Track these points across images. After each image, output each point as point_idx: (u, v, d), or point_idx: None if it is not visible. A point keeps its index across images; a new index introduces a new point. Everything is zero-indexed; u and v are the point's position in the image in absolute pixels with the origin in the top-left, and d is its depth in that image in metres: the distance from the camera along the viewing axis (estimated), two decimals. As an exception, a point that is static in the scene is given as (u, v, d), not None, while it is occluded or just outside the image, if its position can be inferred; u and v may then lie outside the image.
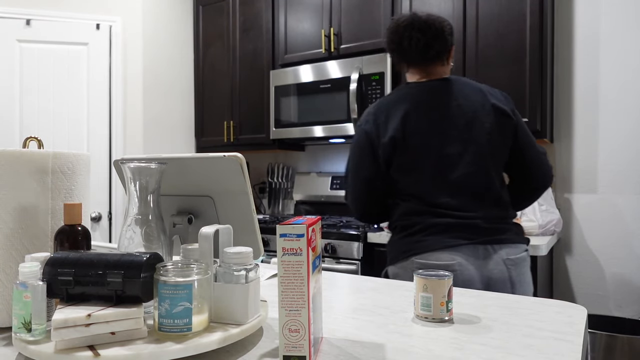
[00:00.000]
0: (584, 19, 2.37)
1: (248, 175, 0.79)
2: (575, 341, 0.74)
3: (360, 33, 2.59)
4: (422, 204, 1.34)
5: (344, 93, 2.56)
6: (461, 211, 1.31)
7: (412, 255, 1.31)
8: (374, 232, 2.26)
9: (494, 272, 1.29)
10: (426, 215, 1.33)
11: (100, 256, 0.66)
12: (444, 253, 1.28)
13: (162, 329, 0.63)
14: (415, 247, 1.31)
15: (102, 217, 2.79)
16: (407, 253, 1.32)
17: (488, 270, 1.29)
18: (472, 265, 1.27)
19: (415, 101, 1.37)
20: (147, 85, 2.98)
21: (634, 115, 2.26)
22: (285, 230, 0.60)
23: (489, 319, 0.86)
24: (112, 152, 2.84)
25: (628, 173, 2.26)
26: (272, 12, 2.93)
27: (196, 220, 0.85)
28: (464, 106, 1.36)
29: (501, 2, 2.22)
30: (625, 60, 2.29)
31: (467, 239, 1.28)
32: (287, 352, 0.61)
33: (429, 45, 1.40)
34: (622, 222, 2.28)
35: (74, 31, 2.75)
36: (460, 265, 1.27)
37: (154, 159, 0.80)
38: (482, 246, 1.29)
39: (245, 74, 3.05)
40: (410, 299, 1.01)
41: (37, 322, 0.62)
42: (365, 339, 0.75)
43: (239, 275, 0.69)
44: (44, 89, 2.70)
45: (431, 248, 1.28)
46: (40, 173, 0.79)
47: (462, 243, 1.28)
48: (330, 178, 2.96)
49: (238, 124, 3.08)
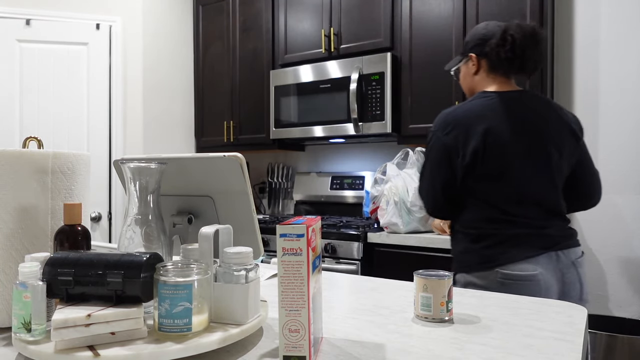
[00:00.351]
0: (584, 19, 2.37)
1: (248, 175, 0.79)
2: (575, 341, 0.74)
3: (360, 33, 2.59)
4: (498, 212, 1.38)
5: (344, 93, 2.56)
6: (537, 221, 1.37)
7: (497, 266, 1.34)
8: (374, 232, 2.26)
9: (567, 275, 1.37)
10: (503, 224, 1.37)
11: (100, 256, 0.66)
12: (526, 264, 1.32)
13: (162, 329, 0.63)
14: (499, 258, 1.35)
15: (102, 217, 2.79)
16: (491, 264, 1.35)
17: (563, 275, 1.36)
18: (549, 272, 1.33)
19: (497, 112, 1.39)
20: (147, 85, 2.98)
21: (634, 115, 2.26)
22: (285, 230, 0.60)
23: (489, 319, 0.86)
24: (112, 152, 2.84)
25: (628, 173, 2.26)
26: (272, 12, 2.93)
27: (196, 220, 0.85)
28: (540, 121, 1.40)
29: (501, 2, 2.22)
30: (625, 60, 2.29)
31: (544, 248, 1.35)
32: (287, 352, 0.61)
33: (534, 60, 1.43)
34: (622, 222, 2.28)
35: (74, 31, 2.75)
36: (542, 274, 1.32)
37: (154, 159, 0.80)
38: (555, 253, 1.36)
39: (245, 74, 3.05)
40: (410, 299, 1.01)
41: (37, 322, 0.62)
42: (365, 339, 0.75)
43: (239, 275, 0.69)
44: (44, 89, 2.70)
45: (515, 259, 1.33)
46: (40, 173, 0.79)
47: (540, 253, 1.34)
48: (330, 178, 2.96)
49: (238, 124, 3.08)
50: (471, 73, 1.53)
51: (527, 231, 1.35)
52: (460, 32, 2.31)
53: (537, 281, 1.31)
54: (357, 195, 2.83)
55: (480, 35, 1.49)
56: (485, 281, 1.35)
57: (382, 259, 2.23)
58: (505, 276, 1.32)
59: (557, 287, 1.35)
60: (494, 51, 1.44)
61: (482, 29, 1.49)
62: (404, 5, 2.47)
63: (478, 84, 1.52)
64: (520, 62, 1.43)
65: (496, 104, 1.40)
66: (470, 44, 1.51)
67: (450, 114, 1.43)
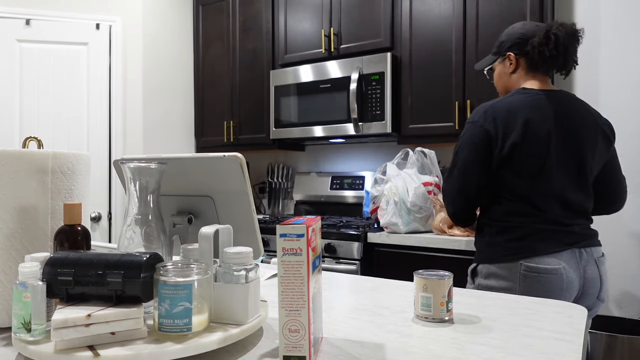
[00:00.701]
0: (584, 19, 2.37)
1: (248, 175, 0.79)
2: (575, 341, 0.74)
3: (360, 33, 2.59)
4: (529, 207, 1.40)
5: (344, 93, 2.56)
6: (563, 219, 1.40)
7: (521, 258, 1.37)
8: (374, 232, 2.26)
9: (588, 272, 1.40)
10: (532, 219, 1.40)
11: (100, 256, 0.66)
12: (550, 258, 1.36)
13: (162, 329, 0.63)
14: (524, 251, 1.38)
15: (102, 217, 2.79)
16: (516, 255, 1.38)
17: (584, 272, 1.39)
18: (572, 268, 1.37)
19: (537, 109, 1.41)
20: (147, 85, 2.98)
21: (634, 115, 2.26)
22: (285, 230, 0.60)
23: (489, 319, 0.86)
24: (112, 152, 2.84)
25: (628, 173, 2.26)
26: (272, 12, 2.93)
27: (196, 220, 0.85)
28: (577, 122, 1.43)
29: (501, 2, 2.22)
30: (625, 60, 2.29)
31: (567, 245, 1.38)
32: (287, 352, 0.61)
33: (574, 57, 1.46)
34: (622, 222, 2.28)
35: (74, 31, 2.75)
36: (564, 269, 1.35)
37: (154, 159, 0.80)
38: (578, 250, 1.39)
39: (245, 74, 3.05)
40: (410, 299, 1.01)
41: (36, 322, 0.62)
42: (365, 339, 0.75)
43: (239, 275, 0.69)
44: (43, 89, 2.70)
45: (540, 253, 1.36)
46: (40, 173, 0.79)
47: (564, 248, 1.37)
48: (330, 178, 2.96)
49: (238, 124, 3.08)
50: (508, 72, 1.54)
51: (553, 227, 1.38)
52: (461, 32, 2.31)
53: (560, 275, 1.34)
54: (357, 195, 2.83)
55: (518, 34, 1.50)
56: (509, 273, 1.38)
57: (382, 259, 2.23)
58: (529, 269, 1.35)
59: (578, 283, 1.38)
60: (536, 49, 1.45)
61: (520, 29, 1.51)
62: (404, 5, 2.46)
63: (515, 82, 1.54)
64: (563, 59, 1.45)
65: (537, 100, 1.42)
66: (508, 43, 1.53)
67: (491, 106, 1.44)
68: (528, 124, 1.38)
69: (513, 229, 1.41)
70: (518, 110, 1.40)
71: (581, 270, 1.39)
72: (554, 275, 1.33)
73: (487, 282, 1.42)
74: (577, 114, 1.44)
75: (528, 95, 1.44)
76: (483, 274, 1.43)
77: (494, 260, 1.42)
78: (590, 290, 1.41)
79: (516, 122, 1.39)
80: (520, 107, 1.41)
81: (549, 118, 1.40)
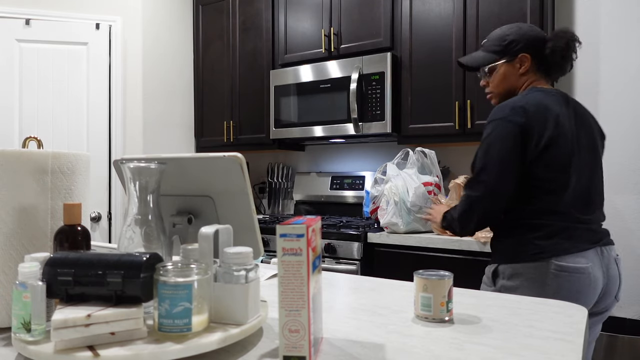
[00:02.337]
0: (584, 19, 2.37)
1: (248, 175, 0.79)
2: (575, 341, 0.74)
3: (360, 33, 2.59)
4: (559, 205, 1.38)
5: (344, 93, 2.56)
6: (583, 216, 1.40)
7: (552, 257, 1.35)
8: (374, 232, 2.26)
9: (610, 270, 1.40)
10: (557, 216, 1.38)
11: (100, 256, 0.66)
12: (579, 257, 1.35)
13: (162, 329, 0.63)
14: (555, 249, 1.35)
15: (101, 217, 2.79)
16: (546, 254, 1.35)
17: (607, 270, 1.39)
18: (597, 266, 1.36)
19: (561, 106, 1.42)
20: (146, 85, 2.98)
21: (633, 115, 2.26)
22: (285, 230, 0.60)
23: (489, 319, 0.86)
24: (112, 152, 2.84)
25: (627, 173, 2.26)
26: (272, 12, 2.93)
27: (196, 220, 0.85)
28: (586, 121, 1.47)
29: (501, 2, 2.22)
30: (625, 60, 2.29)
31: (592, 243, 1.38)
32: (287, 353, 0.61)
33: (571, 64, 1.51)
34: (622, 222, 2.28)
35: (74, 31, 2.75)
36: (592, 268, 1.35)
37: (154, 159, 0.80)
38: (600, 248, 1.39)
39: (245, 73, 3.05)
40: (410, 299, 1.01)
41: (36, 323, 0.62)
42: (365, 339, 0.75)
43: (239, 276, 0.69)
44: (43, 89, 2.70)
45: (569, 251, 1.35)
46: (39, 173, 0.79)
47: (589, 247, 1.37)
48: (330, 178, 2.96)
49: (238, 124, 3.08)
50: (517, 73, 1.51)
51: (576, 225, 1.38)
52: (461, 32, 2.31)
53: (588, 274, 1.33)
54: (357, 195, 2.83)
55: (531, 36, 1.49)
56: (537, 272, 1.35)
57: (382, 259, 2.23)
58: (560, 268, 1.33)
59: (602, 282, 1.37)
60: (558, 54, 1.46)
61: (531, 30, 1.50)
62: (404, 5, 2.46)
63: (523, 83, 1.52)
64: (570, 65, 1.50)
65: (558, 98, 1.43)
66: (521, 44, 1.49)
67: (518, 101, 1.39)
68: (559, 119, 1.38)
69: (541, 227, 1.37)
70: (547, 106, 1.38)
71: (604, 268, 1.38)
72: (582, 274, 1.32)
73: (512, 283, 1.37)
74: (587, 114, 1.48)
75: (546, 93, 1.43)
76: (506, 275, 1.39)
77: (520, 259, 1.37)
78: (611, 289, 1.40)
79: (548, 116, 1.37)
80: (548, 103, 1.39)
81: (571, 116, 1.42)
